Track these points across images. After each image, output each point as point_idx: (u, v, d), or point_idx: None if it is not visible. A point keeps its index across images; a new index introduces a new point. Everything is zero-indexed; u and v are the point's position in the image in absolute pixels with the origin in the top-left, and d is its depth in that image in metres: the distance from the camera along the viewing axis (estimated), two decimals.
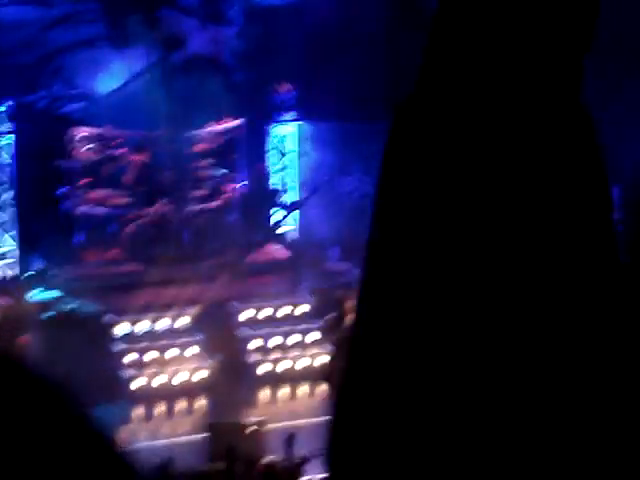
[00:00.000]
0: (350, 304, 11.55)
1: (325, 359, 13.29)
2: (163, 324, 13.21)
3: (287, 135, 15.61)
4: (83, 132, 14.34)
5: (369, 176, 16.15)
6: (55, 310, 13.23)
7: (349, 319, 11.51)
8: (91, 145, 14.36)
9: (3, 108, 14.07)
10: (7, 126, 14.16)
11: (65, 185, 14.47)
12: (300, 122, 15.58)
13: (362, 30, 15.62)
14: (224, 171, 15.09)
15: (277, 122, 15.54)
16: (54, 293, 13.55)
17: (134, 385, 12.60)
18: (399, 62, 15.74)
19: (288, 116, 15.53)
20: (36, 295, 13.50)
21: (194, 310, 13.34)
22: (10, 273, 14.35)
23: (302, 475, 9.72)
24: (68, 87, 14.77)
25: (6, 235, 14.36)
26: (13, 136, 14.23)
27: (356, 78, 15.28)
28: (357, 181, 16.20)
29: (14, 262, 14.38)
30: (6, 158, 14.27)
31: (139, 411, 12.43)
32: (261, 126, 15.47)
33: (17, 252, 14.36)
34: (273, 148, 15.62)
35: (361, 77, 15.34)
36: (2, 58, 14.24)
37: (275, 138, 15.62)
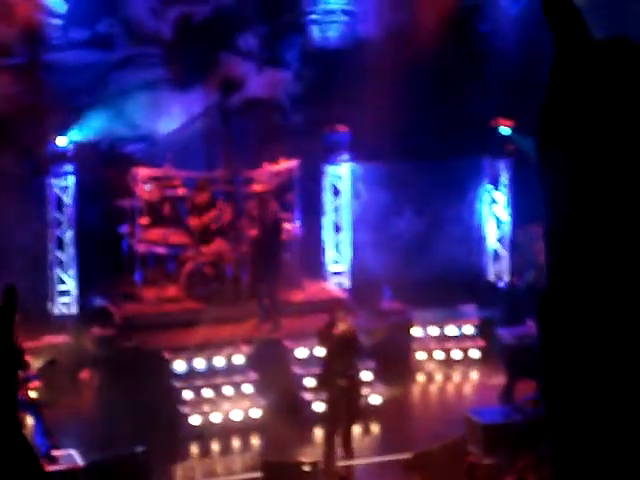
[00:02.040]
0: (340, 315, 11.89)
1: (378, 399, 13.36)
2: (219, 362, 13.38)
3: (341, 175, 15.81)
4: (143, 172, 14.64)
5: (420, 216, 16.28)
6: (114, 347, 13.46)
7: (339, 329, 11.86)
8: (151, 185, 14.66)
9: (67, 147, 14.40)
10: (68, 167, 14.49)
11: (126, 223, 14.77)
12: (354, 163, 15.78)
13: (414, 72, 15.82)
14: (281, 210, 15.31)
15: (331, 163, 15.75)
16: (113, 330, 13.79)
17: (190, 422, 12.76)
18: (450, 106, 15.92)
19: (342, 157, 15.73)
20: (95, 332, 13.75)
21: (248, 348, 13.48)
22: (69, 311, 14.64)
23: None
24: (129, 128, 15.12)
25: (69, 270, 14.66)
26: (74, 177, 14.56)
27: (408, 120, 15.46)
28: (409, 221, 16.32)
29: (73, 300, 14.66)
30: (69, 196, 14.60)
31: (195, 448, 12.58)
32: (315, 167, 15.69)
33: (76, 290, 14.64)
34: (327, 188, 15.82)
35: (413, 119, 15.52)
36: (64, 100, 14.63)
37: (330, 178, 15.83)
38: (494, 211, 16.64)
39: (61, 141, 14.34)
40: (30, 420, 11.84)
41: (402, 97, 15.58)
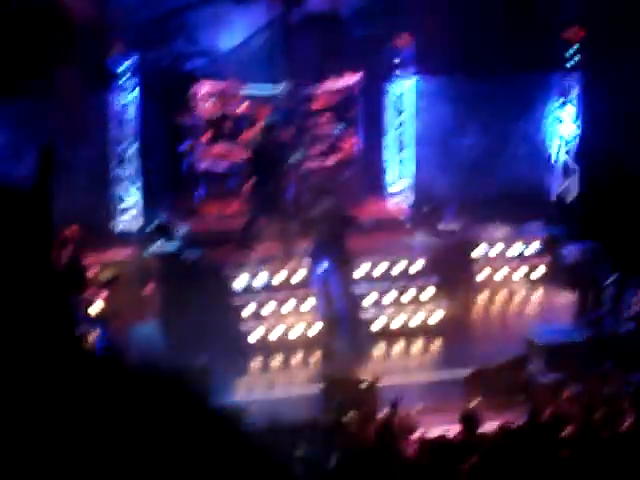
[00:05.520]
0: None
1: (440, 315, 13.32)
2: (279, 278, 13.40)
3: (405, 91, 15.52)
4: (205, 88, 14.55)
5: (486, 133, 15.96)
6: (177, 262, 13.56)
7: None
8: (213, 101, 14.56)
9: (128, 64, 14.36)
10: (132, 82, 14.46)
11: (187, 140, 14.74)
12: (419, 78, 15.47)
13: None
14: (342, 127, 15.13)
15: (395, 78, 15.45)
16: (176, 245, 13.88)
17: (252, 337, 12.86)
18: (519, 18, 15.44)
19: (407, 72, 15.42)
20: (159, 247, 13.86)
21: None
22: (134, 225, 14.75)
23: (417, 430, 9.78)
24: (190, 44, 14.99)
25: (131, 187, 14.73)
26: (135, 93, 14.53)
27: (477, 33, 15.07)
28: (474, 138, 16.03)
29: (137, 214, 14.76)
30: (131, 113, 14.59)
31: (256, 363, 12.70)
32: (379, 82, 15.42)
33: (141, 205, 14.72)
34: (391, 104, 15.57)
35: (482, 32, 15.12)
36: (126, 15, 14.53)
37: (393, 94, 15.56)
38: (562, 127, 16.24)
39: (123, 57, 14.29)
40: (94, 334, 12.05)
41: (469, 9, 15.18)
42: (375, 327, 13.21)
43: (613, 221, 13.64)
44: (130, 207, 14.76)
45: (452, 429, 9.10)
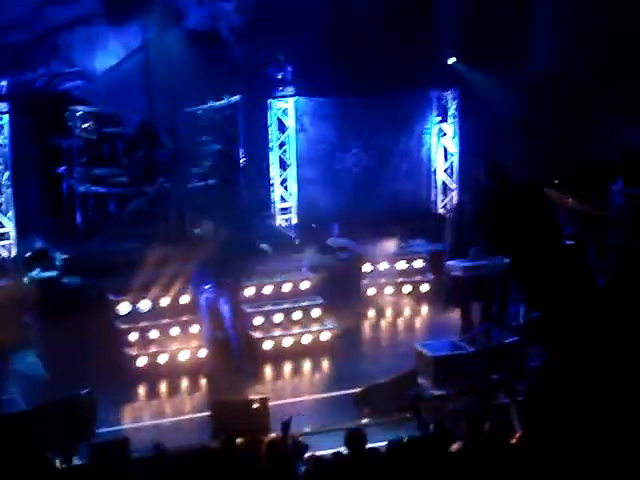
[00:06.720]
0: None
1: (328, 335, 13.27)
2: (164, 303, 13.15)
3: (285, 110, 15.50)
4: (81, 110, 14.24)
5: (367, 151, 16.07)
6: (57, 288, 13.19)
7: None
8: (89, 123, 14.25)
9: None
10: (2, 106, 14.00)
11: (63, 164, 14.38)
12: (298, 97, 15.47)
13: (360, 5, 15.52)
14: (223, 148, 15.01)
15: (275, 97, 15.42)
16: (53, 273, 13.50)
17: (137, 363, 12.55)
18: (397, 38, 15.62)
19: (286, 91, 15.41)
20: (35, 275, 13.45)
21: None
22: (8, 254, 14.27)
23: (306, 451, 9.66)
24: (65, 65, 14.67)
25: (3, 217, 14.23)
26: (7, 116, 14.08)
27: (354, 52, 15.19)
28: (356, 156, 16.11)
29: (12, 243, 14.29)
30: (2, 138, 14.12)
31: (142, 390, 12.39)
32: (260, 102, 15.36)
33: (14, 233, 14.25)
34: (272, 124, 15.52)
35: (359, 51, 15.25)
36: None
37: (274, 114, 15.51)
38: (442, 143, 16.46)
39: None
40: None
41: (348, 29, 15.28)
42: (265, 347, 13.07)
43: (493, 236, 13.85)
44: (6, 234, 14.26)
45: (342, 448, 9.01)
